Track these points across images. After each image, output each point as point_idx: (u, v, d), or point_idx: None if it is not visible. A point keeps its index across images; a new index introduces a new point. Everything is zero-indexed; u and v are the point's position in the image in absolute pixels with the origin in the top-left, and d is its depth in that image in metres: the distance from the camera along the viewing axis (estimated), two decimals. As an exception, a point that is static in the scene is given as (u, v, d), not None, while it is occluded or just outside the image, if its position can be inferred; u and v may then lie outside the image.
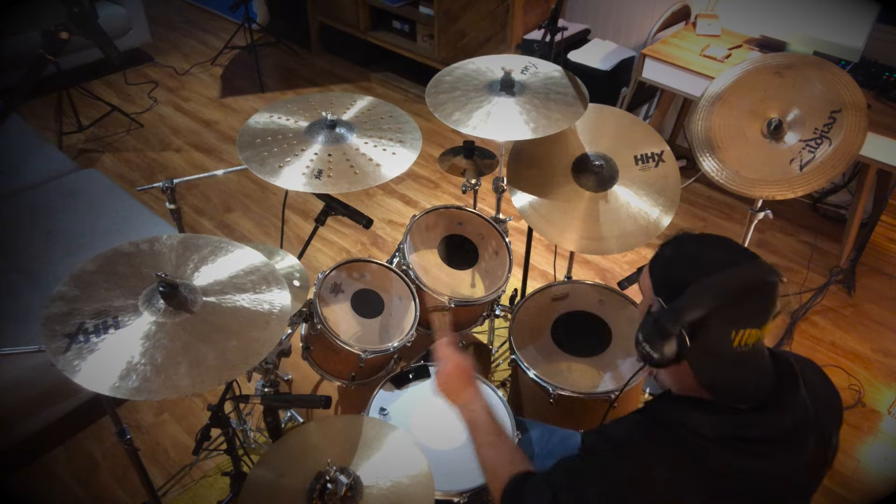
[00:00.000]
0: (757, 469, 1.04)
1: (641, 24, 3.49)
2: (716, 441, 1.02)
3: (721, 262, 1.02)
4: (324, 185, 1.62)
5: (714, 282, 0.99)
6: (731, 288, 0.99)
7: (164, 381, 1.14)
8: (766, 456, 1.04)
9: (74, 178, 2.74)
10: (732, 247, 1.08)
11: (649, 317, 1.05)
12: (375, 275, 2.02)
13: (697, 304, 0.99)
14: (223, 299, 1.29)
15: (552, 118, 1.79)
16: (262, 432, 2.25)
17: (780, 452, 1.05)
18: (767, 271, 1.01)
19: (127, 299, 1.25)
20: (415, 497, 1.36)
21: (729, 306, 0.99)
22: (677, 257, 1.08)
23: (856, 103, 1.73)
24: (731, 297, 0.99)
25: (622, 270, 2.94)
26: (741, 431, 1.02)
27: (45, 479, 2.18)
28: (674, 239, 1.11)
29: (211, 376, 1.17)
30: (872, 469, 2.24)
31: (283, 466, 1.40)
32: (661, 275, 1.08)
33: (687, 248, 1.09)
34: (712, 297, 0.99)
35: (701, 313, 0.99)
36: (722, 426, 1.02)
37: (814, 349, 2.63)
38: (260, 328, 1.26)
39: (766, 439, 1.03)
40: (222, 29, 5.01)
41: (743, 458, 1.02)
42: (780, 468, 1.05)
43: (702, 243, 1.09)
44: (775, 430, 1.04)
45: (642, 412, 1.13)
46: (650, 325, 1.04)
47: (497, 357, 2.50)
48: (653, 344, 1.04)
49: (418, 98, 4.21)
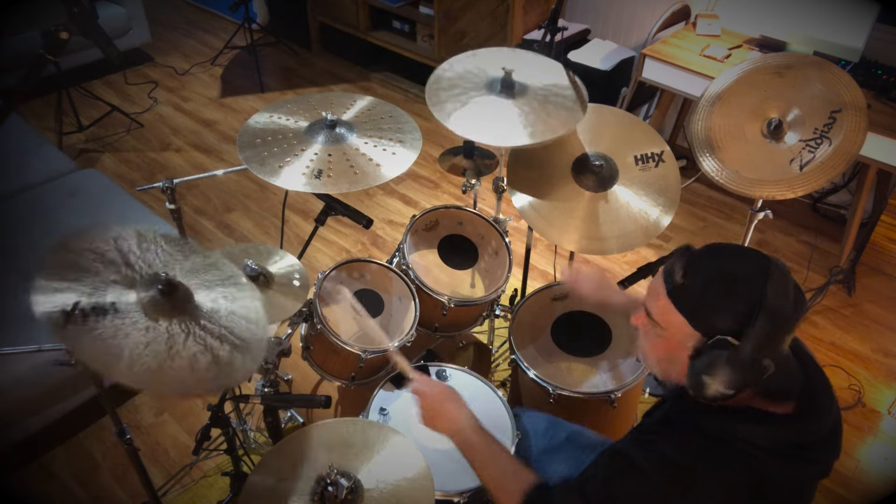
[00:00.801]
0: (809, 473, 1.05)
1: (641, 24, 3.49)
2: (769, 450, 1.00)
3: (754, 274, 0.98)
4: (324, 185, 1.62)
5: (773, 303, 0.96)
6: (785, 302, 0.97)
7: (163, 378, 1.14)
8: (815, 461, 1.04)
9: (74, 178, 2.74)
10: (743, 252, 1.05)
11: (716, 357, 0.97)
12: (375, 275, 2.02)
13: (770, 330, 0.96)
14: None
15: (549, 123, 1.79)
16: (262, 432, 2.26)
17: (826, 454, 1.06)
18: (786, 269, 1.00)
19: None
20: (415, 498, 1.36)
21: (791, 322, 0.98)
22: (710, 286, 1.01)
23: (856, 103, 1.73)
24: (791, 313, 0.97)
25: (622, 270, 2.94)
26: (794, 438, 1.02)
27: (45, 479, 2.18)
28: (686, 265, 1.03)
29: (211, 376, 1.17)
30: (872, 469, 2.24)
31: (282, 470, 1.40)
32: (702, 309, 1.01)
33: (708, 271, 1.02)
34: (779, 319, 0.96)
35: (774, 338, 0.96)
36: (775, 435, 1.01)
37: (814, 349, 2.61)
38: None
39: (817, 443, 1.03)
40: (222, 29, 5.01)
41: (797, 464, 1.02)
42: (824, 469, 1.06)
43: (717, 260, 1.04)
44: (822, 432, 1.04)
45: (682, 426, 1.08)
46: (722, 366, 0.97)
47: (497, 357, 2.50)
48: (729, 383, 0.97)
49: (418, 98, 4.21)
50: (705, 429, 1.05)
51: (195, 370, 1.16)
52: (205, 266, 1.34)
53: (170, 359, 1.15)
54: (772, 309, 0.95)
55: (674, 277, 1.03)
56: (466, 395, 1.73)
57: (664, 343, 1.07)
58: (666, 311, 1.04)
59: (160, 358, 1.15)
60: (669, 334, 1.05)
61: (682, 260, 1.04)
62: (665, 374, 1.11)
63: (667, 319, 1.04)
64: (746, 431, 1.01)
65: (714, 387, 0.98)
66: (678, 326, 1.03)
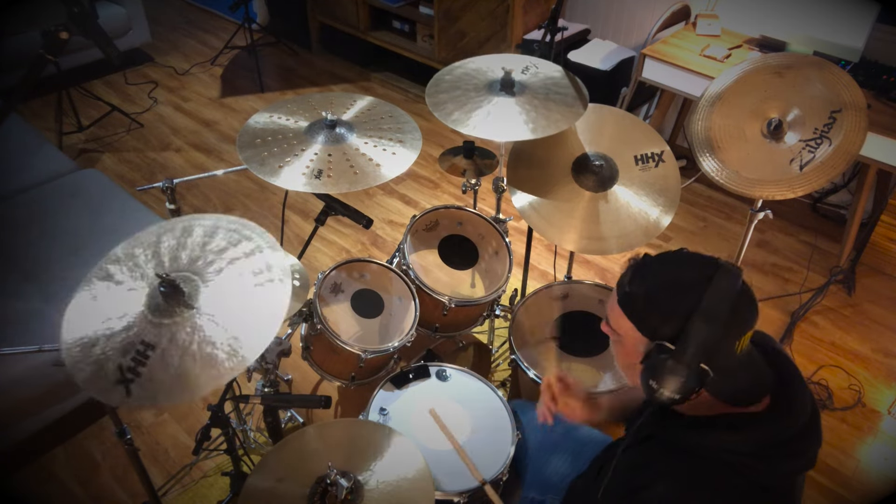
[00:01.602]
0: (794, 467, 1.06)
1: (641, 24, 3.49)
2: (748, 454, 1.02)
3: (696, 281, 1.01)
4: (324, 185, 1.62)
5: (709, 307, 0.98)
6: (724, 306, 0.98)
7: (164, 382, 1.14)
8: (798, 453, 1.05)
9: (74, 178, 2.74)
10: (691, 259, 1.07)
11: (659, 362, 1.01)
12: (375, 275, 2.02)
13: (707, 335, 0.98)
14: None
15: (552, 118, 1.79)
16: (262, 432, 2.25)
17: (808, 445, 1.06)
18: (735, 273, 1.01)
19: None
20: (415, 498, 1.36)
21: (730, 323, 0.99)
22: (653, 293, 1.05)
23: (856, 103, 1.73)
24: (729, 314, 0.99)
25: (622, 270, 2.93)
26: (773, 437, 1.03)
27: (45, 479, 2.18)
28: (633, 273, 1.08)
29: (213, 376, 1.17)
30: (872, 469, 2.24)
31: (282, 471, 1.40)
32: (646, 316, 1.05)
33: (652, 279, 1.06)
34: (716, 323, 0.98)
35: (713, 343, 0.98)
36: (754, 437, 1.02)
37: (814, 349, 2.63)
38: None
39: (797, 437, 1.04)
40: (222, 29, 5.01)
41: (780, 462, 1.03)
42: (809, 459, 1.07)
43: (662, 268, 1.07)
44: (799, 425, 1.04)
45: (663, 452, 1.10)
46: (664, 371, 1.00)
47: (497, 357, 2.50)
48: (673, 387, 1.00)
49: (418, 98, 4.21)
50: (679, 444, 1.07)
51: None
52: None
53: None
54: (706, 313, 0.98)
55: (623, 285, 1.09)
56: (466, 395, 1.74)
57: (623, 350, 1.11)
58: (619, 318, 1.09)
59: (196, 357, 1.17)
60: (625, 341, 1.09)
61: (633, 268, 1.10)
62: (632, 381, 1.13)
63: (620, 326, 1.09)
64: (722, 439, 1.03)
65: (661, 391, 1.01)
66: (630, 333, 1.07)
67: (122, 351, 1.17)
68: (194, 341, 1.17)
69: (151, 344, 1.17)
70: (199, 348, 1.16)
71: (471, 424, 1.66)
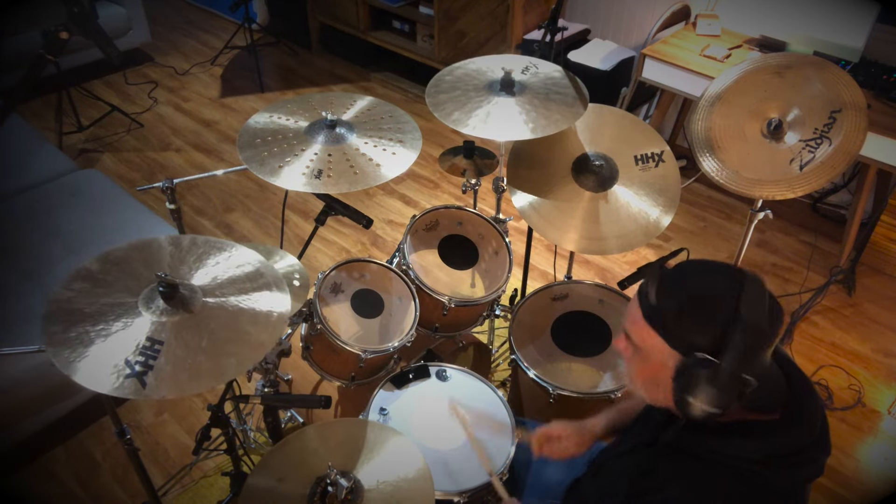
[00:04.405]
0: (805, 475, 1.05)
1: (641, 24, 3.49)
2: (763, 461, 1.01)
3: (727, 290, 0.98)
4: (324, 185, 1.62)
5: (749, 317, 0.95)
6: (761, 314, 0.96)
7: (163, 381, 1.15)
8: (809, 461, 1.04)
9: (74, 178, 2.74)
10: (713, 267, 1.05)
11: (700, 376, 0.97)
12: (375, 275, 2.02)
13: (749, 344, 0.95)
14: (222, 301, 1.29)
15: (552, 118, 1.80)
16: (262, 432, 2.25)
17: (819, 453, 1.06)
18: (760, 280, 1.00)
19: (126, 298, 1.25)
20: (415, 498, 1.36)
21: (768, 334, 0.98)
22: (685, 306, 1.00)
23: (856, 103, 1.73)
24: (767, 326, 0.97)
25: (622, 270, 2.94)
26: (788, 446, 1.02)
27: (45, 479, 2.18)
28: (658, 287, 1.03)
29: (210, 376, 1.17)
30: (872, 469, 2.24)
31: (282, 471, 1.40)
32: (680, 330, 1.00)
33: (681, 291, 1.01)
34: (756, 332, 0.96)
35: (753, 352, 0.96)
36: (769, 445, 1.01)
37: (814, 349, 2.63)
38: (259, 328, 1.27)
39: (810, 445, 1.03)
40: (222, 29, 5.01)
41: (793, 469, 1.03)
42: (819, 467, 1.06)
43: (688, 278, 1.04)
44: (812, 434, 1.04)
45: (673, 456, 1.08)
46: (706, 384, 0.96)
47: (497, 357, 2.50)
48: (715, 401, 0.97)
49: (418, 98, 4.21)
50: (691, 449, 1.06)
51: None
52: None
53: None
54: (747, 323, 0.95)
55: (648, 299, 1.03)
56: (466, 395, 1.74)
57: (647, 366, 1.06)
58: (644, 334, 1.03)
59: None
60: (650, 356, 1.04)
61: (656, 281, 1.04)
62: (653, 399, 1.10)
63: (646, 342, 1.04)
64: (737, 446, 1.02)
65: (699, 406, 0.98)
66: (657, 348, 1.02)
67: (133, 355, 1.20)
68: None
69: (159, 340, 1.19)
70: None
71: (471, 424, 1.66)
